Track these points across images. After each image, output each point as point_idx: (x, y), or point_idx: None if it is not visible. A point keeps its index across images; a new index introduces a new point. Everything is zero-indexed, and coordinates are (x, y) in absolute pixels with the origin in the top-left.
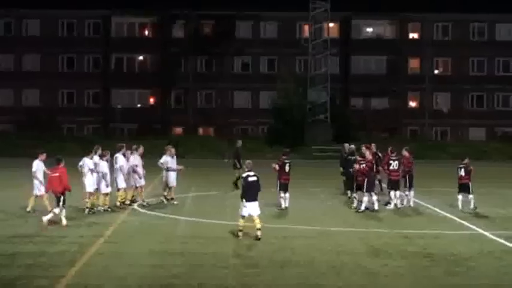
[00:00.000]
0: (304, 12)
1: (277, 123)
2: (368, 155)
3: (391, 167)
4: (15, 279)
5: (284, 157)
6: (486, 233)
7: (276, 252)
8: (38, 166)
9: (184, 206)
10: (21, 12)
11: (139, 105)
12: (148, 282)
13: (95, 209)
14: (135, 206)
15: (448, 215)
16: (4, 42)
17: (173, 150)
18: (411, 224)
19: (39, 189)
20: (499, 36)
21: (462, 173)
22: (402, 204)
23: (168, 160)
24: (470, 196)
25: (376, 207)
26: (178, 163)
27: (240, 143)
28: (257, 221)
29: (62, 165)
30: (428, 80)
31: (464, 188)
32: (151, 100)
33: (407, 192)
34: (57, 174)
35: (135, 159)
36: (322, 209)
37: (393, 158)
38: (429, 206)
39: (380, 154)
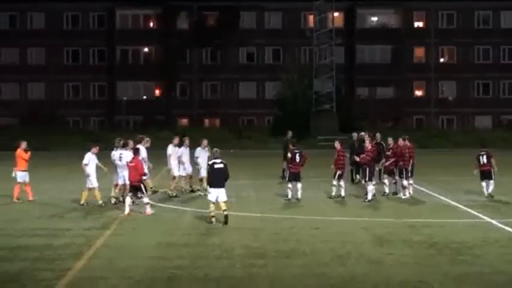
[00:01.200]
0: (308, 3)
1: (282, 114)
2: (368, 143)
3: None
4: (20, 273)
5: (293, 147)
6: (492, 221)
7: (281, 242)
8: (90, 159)
9: (190, 198)
10: (25, 6)
11: (144, 97)
12: (153, 274)
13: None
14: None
15: (453, 203)
16: (9, 36)
17: (205, 142)
18: (416, 213)
19: (91, 182)
20: (504, 24)
21: (484, 160)
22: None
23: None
24: (491, 181)
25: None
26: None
27: (290, 133)
28: (223, 206)
29: (137, 155)
30: (434, 68)
31: (487, 175)
32: (157, 92)
33: (405, 182)
34: (133, 164)
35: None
36: (327, 199)
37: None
38: (434, 194)
39: (384, 144)
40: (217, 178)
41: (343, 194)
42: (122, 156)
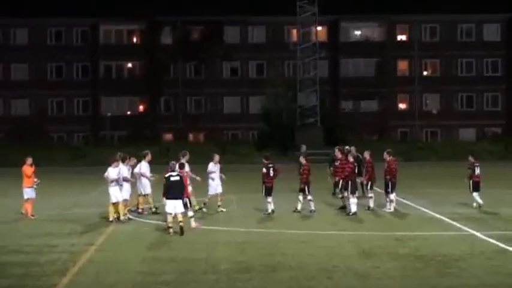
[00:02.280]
0: (292, 16)
1: (267, 128)
2: (341, 156)
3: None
4: None
5: (266, 161)
6: (477, 234)
7: (267, 256)
8: (143, 167)
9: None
10: (8, 21)
11: (129, 113)
12: None
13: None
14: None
15: (438, 216)
16: None
17: (217, 157)
18: (402, 226)
19: (115, 196)
20: (487, 37)
21: (478, 171)
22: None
23: (212, 167)
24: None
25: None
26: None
27: (304, 148)
28: (180, 217)
29: (184, 169)
30: (417, 81)
31: (478, 186)
32: (141, 107)
33: (391, 196)
34: (177, 178)
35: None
36: (311, 214)
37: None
38: (419, 207)
39: (361, 157)
40: (173, 190)
41: (312, 207)
42: (120, 170)
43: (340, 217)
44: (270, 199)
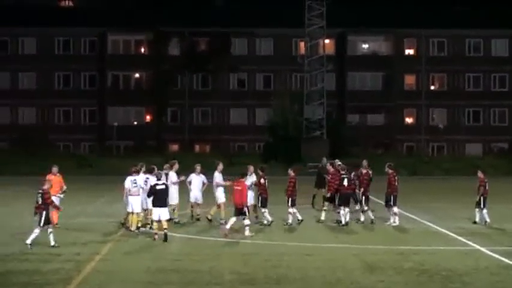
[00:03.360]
0: (299, 29)
1: (273, 140)
2: (332, 171)
3: (344, 183)
4: None
5: (262, 173)
6: (482, 249)
7: (272, 268)
8: (172, 177)
9: (181, 224)
10: (17, 31)
11: (135, 123)
12: None
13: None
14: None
15: (443, 230)
16: (0, 61)
17: (221, 166)
18: (406, 240)
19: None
20: (494, 52)
21: (487, 187)
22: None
23: (217, 175)
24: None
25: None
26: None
27: (325, 160)
28: (165, 224)
29: (244, 179)
30: (424, 95)
31: (486, 203)
32: (148, 117)
33: (395, 209)
34: (239, 188)
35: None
36: (316, 226)
37: (344, 175)
38: (424, 221)
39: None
40: (159, 198)
41: (299, 217)
42: (148, 181)
43: (344, 230)
44: (266, 210)
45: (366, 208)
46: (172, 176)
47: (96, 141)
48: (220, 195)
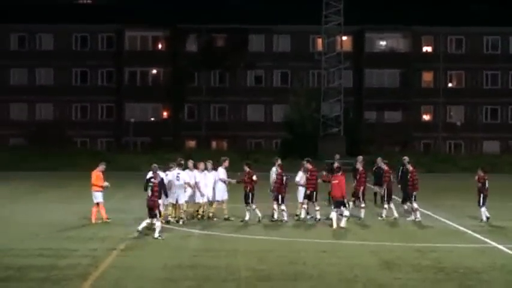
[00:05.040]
0: (317, 26)
1: (290, 137)
2: (311, 168)
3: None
4: None
5: (249, 169)
6: (499, 246)
7: (288, 265)
8: (221, 173)
9: (196, 220)
10: (35, 27)
11: (152, 119)
12: None
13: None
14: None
15: (461, 228)
16: (18, 57)
17: (227, 162)
18: (424, 237)
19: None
20: None
21: (487, 185)
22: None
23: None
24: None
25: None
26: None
27: (337, 157)
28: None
29: (341, 173)
30: (442, 93)
31: (486, 201)
32: (165, 114)
33: (415, 204)
34: (336, 181)
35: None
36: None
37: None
38: (442, 219)
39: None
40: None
41: (318, 216)
42: (180, 176)
43: (361, 227)
44: (254, 206)
45: (362, 205)
46: (221, 172)
47: (113, 137)
48: (222, 191)
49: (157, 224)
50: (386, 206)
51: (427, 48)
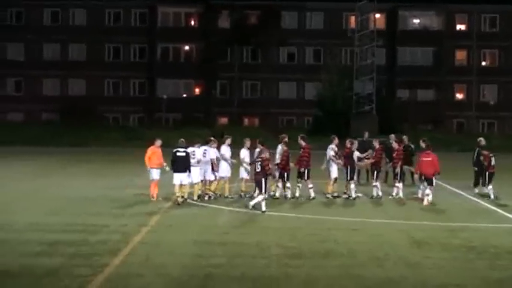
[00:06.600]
0: (350, 3)
1: (321, 114)
2: (304, 144)
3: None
4: (57, 268)
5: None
6: None
7: (319, 242)
8: (223, 150)
9: (228, 197)
10: (67, 2)
11: (184, 95)
12: (189, 272)
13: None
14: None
15: (492, 207)
16: (50, 32)
17: (248, 142)
18: (454, 216)
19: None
20: None
21: (493, 162)
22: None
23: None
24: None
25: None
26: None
27: (367, 135)
28: (184, 189)
29: (431, 150)
30: (475, 72)
31: (492, 179)
32: (197, 90)
33: (397, 184)
34: (429, 158)
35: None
36: (364, 201)
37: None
38: (472, 198)
39: (412, 146)
40: (179, 164)
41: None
42: (206, 152)
43: (391, 206)
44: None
45: (397, 184)
46: (224, 150)
47: (145, 113)
48: (225, 168)
49: (260, 197)
50: (398, 184)
51: (461, 27)
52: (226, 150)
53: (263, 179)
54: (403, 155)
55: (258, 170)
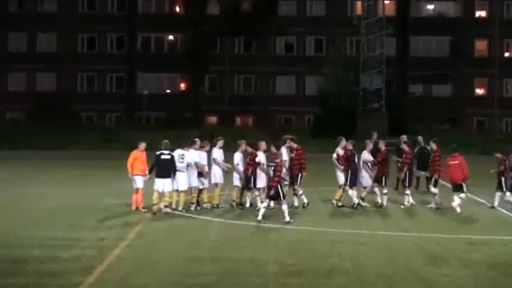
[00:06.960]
0: None
1: (324, 112)
2: (296, 146)
3: None
4: None
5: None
6: None
7: (321, 258)
8: (215, 153)
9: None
10: None
11: (168, 91)
12: None
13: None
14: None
15: None
16: (17, 20)
17: (221, 142)
18: (474, 228)
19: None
20: None
21: (507, 166)
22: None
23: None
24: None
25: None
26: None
27: (375, 136)
28: (167, 197)
29: (459, 153)
30: (498, 64)
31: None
32: (182, 85)
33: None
34: (456, 162)
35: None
36: (372, 210)
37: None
38: (497, 207)
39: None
40: (163, 168)
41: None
42: (184, 156)
43: (403, 216)
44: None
45: (407, 192)
46: (216, 153)
47: (124, 111)
48: (217, 174)
49: (284, 207)
50: (407, 191)
51: (481, 13)
52: (218, 153)
53: (278, 186)
54: (417, 159)
55: (272, 176)
